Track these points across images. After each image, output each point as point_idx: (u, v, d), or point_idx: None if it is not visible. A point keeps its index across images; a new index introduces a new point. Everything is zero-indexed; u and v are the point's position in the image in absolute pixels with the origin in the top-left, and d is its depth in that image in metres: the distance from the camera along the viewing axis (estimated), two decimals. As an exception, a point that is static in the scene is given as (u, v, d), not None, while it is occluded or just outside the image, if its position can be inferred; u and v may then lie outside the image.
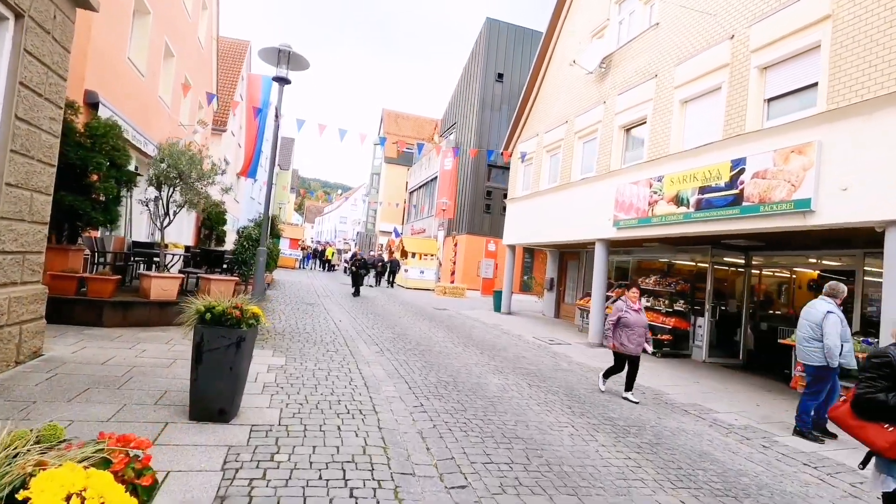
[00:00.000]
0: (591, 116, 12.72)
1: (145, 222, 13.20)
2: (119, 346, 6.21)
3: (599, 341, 11.50)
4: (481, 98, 29.92)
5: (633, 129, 11.35)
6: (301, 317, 11.00)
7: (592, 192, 11.97)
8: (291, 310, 12.01)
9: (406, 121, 52.84)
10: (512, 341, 11.19)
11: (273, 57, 8.44)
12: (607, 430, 5.42)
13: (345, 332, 9.58)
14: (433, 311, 15.58)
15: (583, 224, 12.22)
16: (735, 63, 8.41)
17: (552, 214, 13.84)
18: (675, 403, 7.02)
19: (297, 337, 8.47)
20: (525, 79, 32.25)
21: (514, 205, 16.65)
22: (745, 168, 7.74)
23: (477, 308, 18.05)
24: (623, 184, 10.71)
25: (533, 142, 15.98)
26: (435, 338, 10.30)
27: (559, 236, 13.38)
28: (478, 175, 29.73)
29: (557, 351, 10.43)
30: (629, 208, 10.40)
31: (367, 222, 51.41)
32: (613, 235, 11.02)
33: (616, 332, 7.01)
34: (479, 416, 5.31)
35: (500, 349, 9.86)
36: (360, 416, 4.81)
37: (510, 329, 13.13)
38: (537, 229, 14.73)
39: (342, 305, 14.46)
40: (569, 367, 8.85)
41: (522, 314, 17.24)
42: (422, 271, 25.55)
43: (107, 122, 7.72)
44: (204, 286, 8.77)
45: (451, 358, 8.33)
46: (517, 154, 16.40)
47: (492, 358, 8.79)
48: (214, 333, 4.06)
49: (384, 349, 8.46)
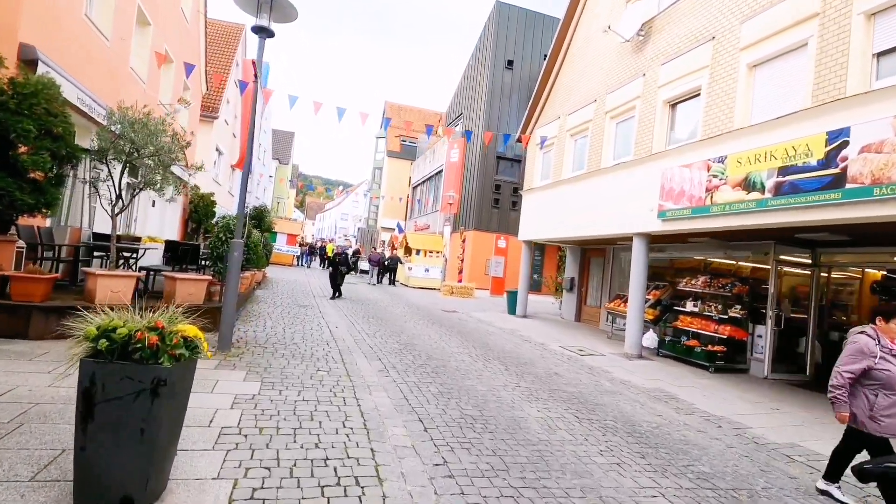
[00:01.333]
0: (626, 92, 11.07)
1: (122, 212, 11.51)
2: (34, 370, 4.60)
3: (638, 352, 9.89)
4: (490, 86, 28.25)
5: (681, 103, 9.70)
6: (291, 322, 9.39)
7: (629, 180, 10.33)
8: (281, 313, 10.41)
9: (409, 113, 51.16)
10: (537, 352, 9.57)
11: (252, 5, 6.81)
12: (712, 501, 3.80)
13: (341, 342, 7.97)
14: (441, 314, 13.97)
15: (616, 216, 10.59)
16: (828, 12, 6.76)
17: (577, 206, 12.21)
18: (768, 443, 5.39)
19: (282, 349, 6.86)
20: (537, 65, 30.57)
21: (532, 196, 15.01)
22: (847, 140, 6.10)
23: (488, 310, 16.43)
24: (671, 167, 9.07)
25: (554, 125, 14.33)
26: (448, 348, 8.69)
27: (586, 231, 11.75)
28: (486, 168, 28.08)
29: (592, 365, 8.82)
30: (679, 196, 8.76)
31: (369, 218, 49.81)
32: (657, 229, 9.38)
33: (861, 395, 3.89)
34: (529, 482, 3.69)
35: (526, 363, 8.25)
36: (357, 488, 3.20)
37: (530, 335, 11.51)
38: (558, 223, 13.10)
39: (339, 308, 12.86)
40: (613, 388, 7.22)
41: (539, 317, 15.63)
42: (427, 269, 23.94)
43: (39, 80, 6.10)
44: (169, 288, 7.17)
45: (472, 378, 6.72)
46: (535, 140, 14.73)
47: (520, 377, 7.17)
48: (114, 373, 2.46)
49: (389, 366, 6.84)
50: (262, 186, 44.11)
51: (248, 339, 7.37)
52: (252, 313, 9.91)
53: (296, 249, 30.38)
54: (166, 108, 13.63)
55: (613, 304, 11.97)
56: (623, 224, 10.36)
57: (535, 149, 15.53)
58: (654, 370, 8.83)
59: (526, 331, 12.26)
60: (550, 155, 14.67)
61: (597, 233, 11.38)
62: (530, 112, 15.40)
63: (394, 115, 50.35)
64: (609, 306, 12.01)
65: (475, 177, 28.65)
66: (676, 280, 10.99)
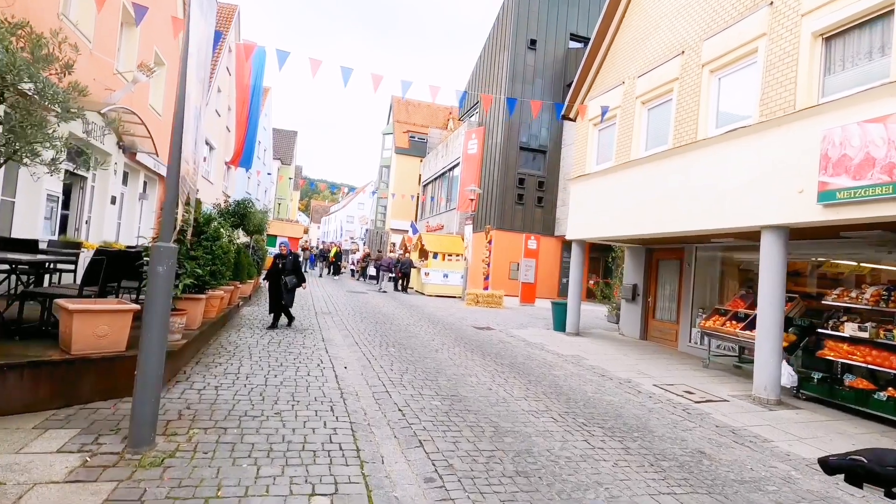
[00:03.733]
0: (739, 32, 8.09)
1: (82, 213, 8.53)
2: None
3: (776, 395, 6.88)
4: (511, 69, 25.29)
5: (841, 33, 6.71)
6: (278, 361, 6.47)
7: (753, 152, 7.34)
8: (267, 344, 7.49)
9: (417, 108, 48.33)
10: (633, 399, 6.59)
11: None
12: None
13: (353, 404, 5.04)
14: (475, 334, 11.02)
15: (729, 204, 7.60)
16: None
17: (657, 193, 9.23)
18: None
19: (252, 433, 3.94)
20: (563, 46, 27.51)
21: (585, 185, 12.03)
22: None
23: (528, 325, 13.46)
24: (839, 127, 6.08)
25: (615, 93, 11.35)
26: (513, 401, 5.73)
27: (673, 225, 8.77)
28: (508, 160, 25.11)
29: (722, 421, 5.84)
30: (865, 167, 5.76)
31: (376, 220, 46.97)
32: (813, 218, 6.38)
33: None
34: None
35: (634, 425, 5.27)
36: None
37: (604, 366, 8.54)
38: (625, 217, 10.13)
39: (349, 329, 9.93)
40: (790, 473, 4.24)
41: (593, 334, 12.65)
42: (445, 275, 21.00)
43: None
44: (65, 326, 4.27)
45: (586, 479, 3.76)
46: (592, 112, 11.71)
47: (653, 460, 4.20)
48: None
49: (440, 461, 3.89)
50: (262, 187, 41.35)
51: (199, 407, 4.46)
52: (224, 348, 7.01)
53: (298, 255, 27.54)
54: (124, 77, 10.82)
55: (713, 322, 8.95)
56: (743, 214, 7.36)
57: (585, 127, 12.56)
58: (818, 429, 5.83)
59: (594, 358, 9.29)
60: (610, 132, 11.69)
61: (693, 227, 8.40)
62: (579, 82, 12.41)
63: (401, 110, 47.51)
64: (708, 325, 9.01)
65: (496, 170, 25.70)
66: (821, 290, 7.98)
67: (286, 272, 9.10)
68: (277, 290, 9.17)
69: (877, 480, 1.96)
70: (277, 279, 9.13)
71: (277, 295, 9.18)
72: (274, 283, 9.22)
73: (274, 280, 9.20)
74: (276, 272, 9.14)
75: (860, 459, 2.00)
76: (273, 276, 9.18)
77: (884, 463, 1.96)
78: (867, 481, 2.00)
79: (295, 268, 9.29)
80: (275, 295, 9.25)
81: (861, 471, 2.01)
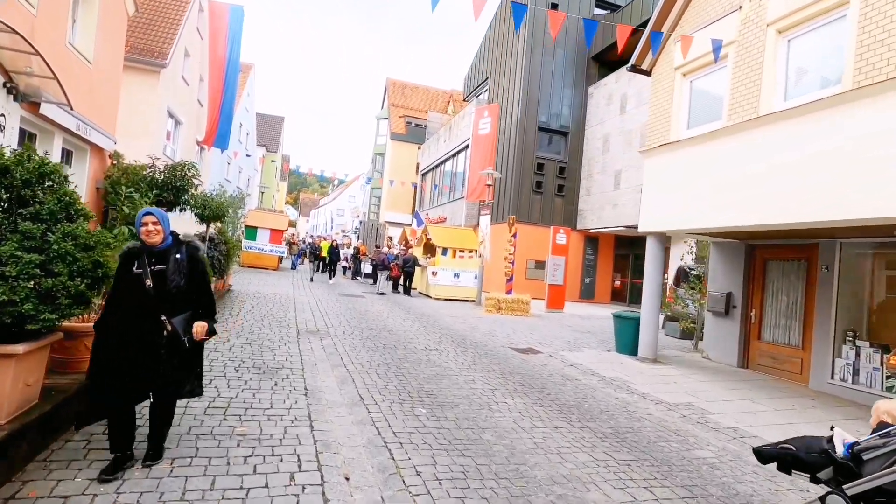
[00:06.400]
0: None
1: None
2: None
3: None
4: (529, 37, 21.98)
5: None
6: (228, 449, 3.14)
7: None
8: (218, 402, 4.14)
9: (414, 92, 44.82)
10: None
11: None
12: None
13: None
14: (522, 364, 7.78)
15: None
16: None
17: (805, 166, 6.03)
18: None
19: None
20: (588, 7, 24.08)
21: (669, 158, 8.79)
22: None
23: (579, 345, 10.24)
24: None
25: (726, 24, 8.09)
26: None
27: (833, 212, 5.60)
28: (525, 143, 21.86)
29: None
30: None
31: (370, 212, 43.51)
32: None
33: None
34: None
35: None
36: None
37: (736, 426, 5.34)
38: (733, 200, 6.95)
39: (346, 363, 6.62)
40: None
41: (670, 357, 9.48)
42: (456, 274, 17.72)
43: None
44: None
45: None
46: (684, 55, 8.36)
47: None
48: None
49: None
50: (245, 175, 37.63)
51: None
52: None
53: (282, 249, 24.08)
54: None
55: (912, 361, 5.82)
56: None
57: (668, 78, 9.32)
58: None
59: (713, 408, 6.09)
60: (710, 82, 8.47)
61: (869, 215, 5.21)
62: (664, 9, 9.11)
63: (397, 94, 43.99)
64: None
65: (512, 154, 22.44)
66: None
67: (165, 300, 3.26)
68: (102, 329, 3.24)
69: (803, 467, 2.06)
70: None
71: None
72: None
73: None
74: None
75: (789, 448, 2.08)
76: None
77: (810, 450, 2.05)
78: (795, 468, 2.08)
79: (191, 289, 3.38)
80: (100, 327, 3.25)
81: (790, 458, 2.09)
